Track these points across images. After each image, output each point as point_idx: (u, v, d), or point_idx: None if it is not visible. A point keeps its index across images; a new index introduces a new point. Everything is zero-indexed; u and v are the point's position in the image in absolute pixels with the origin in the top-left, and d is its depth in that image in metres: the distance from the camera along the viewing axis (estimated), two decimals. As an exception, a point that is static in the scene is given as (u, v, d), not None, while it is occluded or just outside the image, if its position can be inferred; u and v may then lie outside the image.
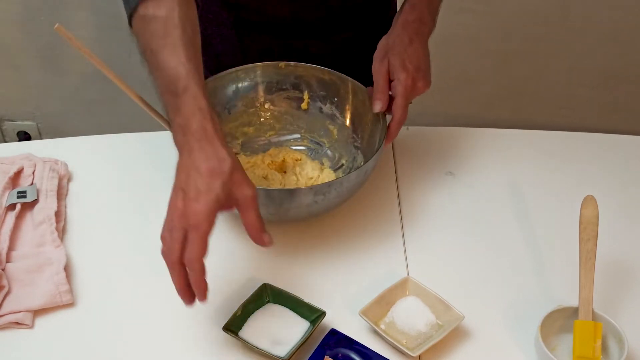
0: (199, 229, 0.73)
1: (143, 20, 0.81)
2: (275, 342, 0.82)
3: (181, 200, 0.75)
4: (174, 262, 0.74)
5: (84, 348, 0.83)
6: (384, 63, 0.97)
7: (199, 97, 0.77)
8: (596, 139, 1.18)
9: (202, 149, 0.76)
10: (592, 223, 0.85)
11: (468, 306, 0.88)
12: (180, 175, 0.76)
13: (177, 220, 0.74)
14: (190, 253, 0.74)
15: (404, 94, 0.95)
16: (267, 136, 1.11)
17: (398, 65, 0.96)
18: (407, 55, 0.96)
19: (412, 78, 0.95)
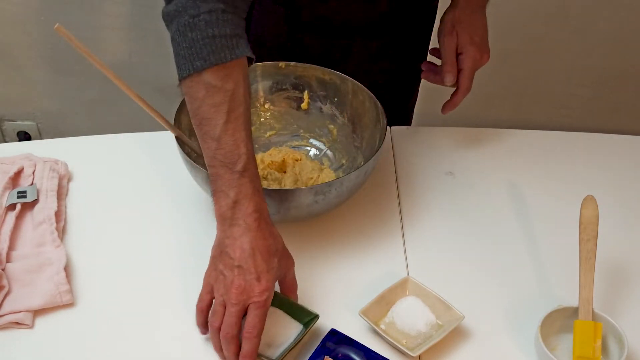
0: (264, 306, 0.78)
1: (207, 87, 0.79)
2: (268, 344, 0.81)
3: (240, 277, 0.78)
4: (233, 336, 0.78)
5: (84, 348, 0.83)
6: (452, 37, 1.03)
7: (256, 179, 0.81)
8: (596, 139, 1.18)
9: (260, 229, 0.79)
10: (592, 223, 0.85)
11: (468, 306, 0.88)
12: (235, 253, 0.79)
13: (236, 296, 0.77)
14: (253, 328, 0.77)
15: (472, 66, 1.03)
16: (267, 136, 1.12)
17: (467, 39, 1.02)
18: (474, 28, 1.03)
19: (480, 51, 1.03)
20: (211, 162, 0.80)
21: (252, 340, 0.77)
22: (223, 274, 0.79)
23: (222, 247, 0.80)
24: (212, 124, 0.79)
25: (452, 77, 1.03)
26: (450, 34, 1.03)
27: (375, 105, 1.01)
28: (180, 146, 0.94)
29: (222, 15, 0.78)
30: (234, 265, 0.78)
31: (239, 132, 0.79)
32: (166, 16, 0.82)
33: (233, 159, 0.79)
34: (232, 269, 0.78)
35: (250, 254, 0.78)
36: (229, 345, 0.78)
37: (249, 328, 0.77)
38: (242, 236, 0.79)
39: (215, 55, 0.78)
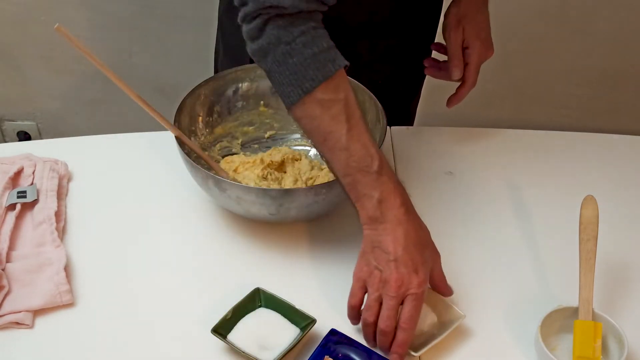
0: (421, 298, 0.80)
1: (322, 103, 0.80)
2: (263, 347, 0.81)
3: (397, 271, 0.79)
4: (393, 328, 0.80)
5: (84, 348, 0.83)
6: (459, 31, 1.03)
7: (393, 175, 0.82)
8: (596, 139, 1.18)
9: (410, 221, 0.81)
10: (592, 223, 0.85)
11: (468, 306, 0.88)
12: (390, 247, 0.80)
13: (395, 289, 0.79)
14: (410, 320, 0.79)
15: (477, 61, 1.05)
16: (267, 136, 1.12)
17: (473, 34, 1.03)
18: (479, 23, 1.04)
19: (485, 46, 1.04)
20: (346, 171, 0.81)
21: (408, 331, 0.79)
22: (378, 269, 0.80)
23: (375, 243, 0.81)
24: (336, 136, 0.80)
25: (459, 72, 1.05)
26: (456, 28, 1.04)
27: (375, 105, 1.01)
28: (180, 146, 0.94)
29: (314, 32, 0.80)
30: (389, 260, 0.79)
31: (364, 135, 0.81)
32: (258, 52, 0.81)
33: (367, 162, 0.80)
34: (388, 263, 0.79)
35: (404, 246, 0.79)
36: (387, 338, 0.80)
37: (405, 319, 0.79)
38: (394, 230, 0.80)
39: (322, 72, 0.79)
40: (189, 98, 1.03)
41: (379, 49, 1.15)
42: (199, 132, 1.06)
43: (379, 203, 0.80)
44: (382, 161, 0.81)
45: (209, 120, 1.07)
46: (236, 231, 0.98)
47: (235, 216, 0.99)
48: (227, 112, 1.09)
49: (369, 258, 0.81)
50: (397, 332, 0.80)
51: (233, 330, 0.83)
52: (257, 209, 0.91)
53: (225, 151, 1.09)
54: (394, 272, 0.79)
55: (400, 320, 0.79)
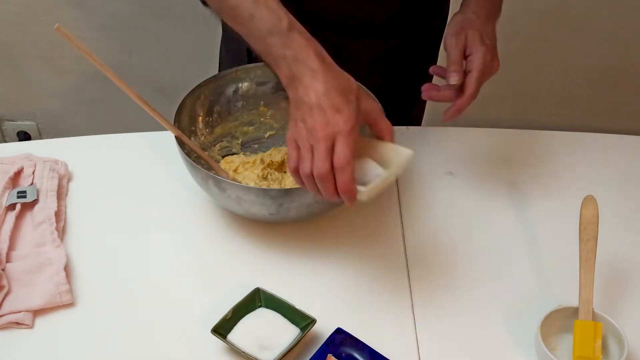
0: (349, 134, 0.76)
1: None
2: (263, 347, 0.81)
3: (320, 115, 0.77)
4: (326, 172, 0.77)
5: (84, 348, 0.83)
6: (460, 37, 0.95)
7: (306, 32, 0.80)
8: (596, 139, 1.18)
9: (329, 70, 0.78)
10: (592, 223, 0.85)
11: (468, 306, 0.88)
12: (310, 96, 0.78)
13: (322, 132, 0.76)
14: (342, 158, 0.76)
15: (481, 68, 0.94)
16: (267, 136, 1.12)
17: (477, 39, 0.95)
18: (485, 31, 0.96)
19: (492, 54, 0.96)
20: (259, 39, 0.80)
21: (345, 170, 0.76)
22: (304, 121, 0.78)
23: (297, 101, 0.79)
24: (242, 7, 0.80)
25: (457, 77, 0.94)
26: (458, 33, 0.96)
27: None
28: (180, 146, 0.94)
29: None
30: (311, 108, 0.77)
31: (272, 2, 0.80)
32: None
33: (275, 22, 0.79)
34: (311, 112, 0.77)
35: (324, 92, 0.77)
36: (325, 184, 0.78)
37: (338, 159, 0.76)
38: (312, 81, 0.78)
39: None
40: (189, 98, 1.03)
41: (380, 50, 1.14)
42: (199, 132, 1.06)
43: (294, 60, 0.78)
44: (291, 20, 0.79)
45: (209, 120, 1.07)
46: (236, 231, 0.98)
47: (235, 216, 0.99)
48: (227, 112, 1.09)
49: (295, 117, 0.79)
50: (336, 175, 0.77)
51: (233, 330, 0.83)
52: (257, 209, 0.91)
53: (225, 151, 1.09)
54: (317, 117, 0.77)
55: (334, 163, 0.77)
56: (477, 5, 1.00)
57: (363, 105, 0.80)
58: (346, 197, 0.78)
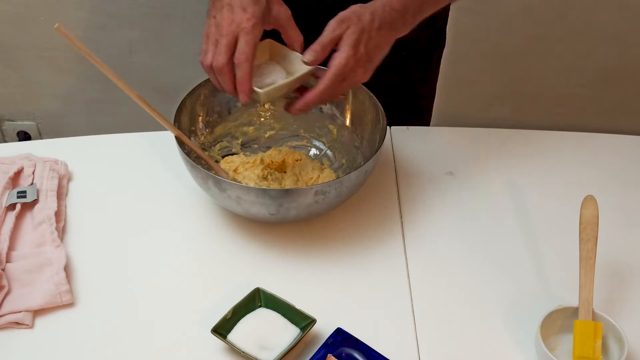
0: (250, 32, 0.83)
1: None
2: (263, 347, 0.81)
3: (228, 12, 0.84)
4: (224, 64, 0.83)
5: (84, 348, 0.83)
6: (341, 27, 0.86)
7: None
8: (596, 139, 1.18)
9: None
10: (592, 223, 0.85)
11: (468, 306, 0.88)
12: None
13: (227, 28, 0.83)
14: (241, 54, 0.82)
15: (339, 69, 0.86)
16: (267, 136, 1.12)
17: (352, 40, 0.85)
18: (369, 37, 0.86)
19: (357, 60, 0.86)
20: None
21: (242, 66, 0.82)
22: (214, 17, 0.83)
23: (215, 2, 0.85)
24: None
25: (313, 56, 0.86)
26: (340, 23, 0.86)
27: (375, 105, 1.01)
28: (180, 146, 0.94)
29: None
30: (223, 6, 0.84)
31: None
32: None
33: None
34: (222, 9, 0.83)
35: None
36: (223, 76, 0.83)
37: (238, 55, 0.82)
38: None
39: None
40: (189, 98, 1.03)
41: None
42: (199, 132, 1.06)
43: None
44: None
45: (209, 120, 1.07)
46: (236, 231, 0.98)
47: (235, 216, 0.99)
48: (227, 112, 1.09)
49: (209, 13, 0.85)
50: (235, 70, 0.82)
51: (233, 330, 0.83)
52: (257, 209, 0.91)
53: (225, 151, 1.09)
54: (225, 14, 0.83)
55: (234, 58, 0.82)
56: (382, 8, 0.88)
57: (274, 10, 0.85)
58: (241, 92, 0.84)
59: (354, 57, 0.86)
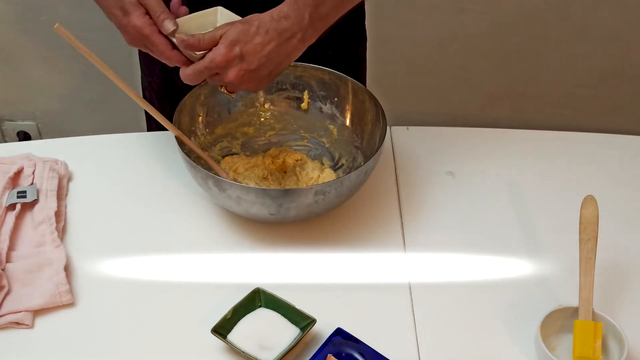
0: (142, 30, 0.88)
1: None
2: (263, 347, 0.81)
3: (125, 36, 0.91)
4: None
5: (84, 348, 0.83)
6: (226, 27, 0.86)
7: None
8: (596, 139, 1.18)
9: None
10: (592, 223, 0.85)
11: (468, 306, 0.88)
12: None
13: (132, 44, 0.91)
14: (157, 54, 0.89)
15: (207, 64, 0.86)
16: (267, 136, 1.12)
17: (229, 40, 0.85)
18: (246, 41, 0.85)
19: (228, 60, 0.85)
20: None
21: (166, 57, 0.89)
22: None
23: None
24: None
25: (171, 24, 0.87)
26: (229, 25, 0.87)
27: (376, 105, 1.01)
28: (180, 146, 0.94)
29: None
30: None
31: None
32: None
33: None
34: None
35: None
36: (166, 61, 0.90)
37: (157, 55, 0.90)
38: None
39: None
40: (189, 98, 1.03)
41: None
42: (199, 132, 1.06)
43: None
44: None
45: (209, 120, 1.07)
46: (236, 231, 0.98)
47: (235, 216, 0.99)
48: (227, 112, 1.09)
49: None
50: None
51: (233, 330, 0.83)
52: (257, 209, 0.91)
53: (225, 151, 1.09)
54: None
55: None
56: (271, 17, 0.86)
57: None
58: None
59: (225, 56, 0.85)
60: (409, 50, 1.86)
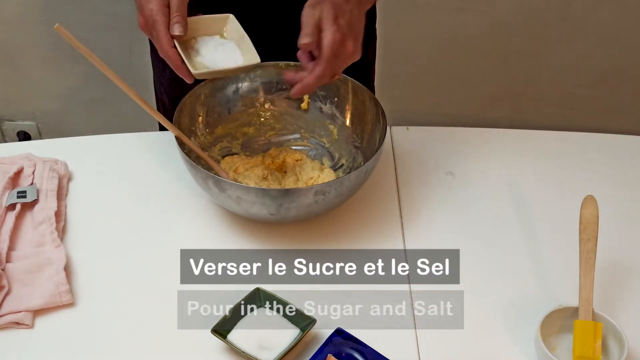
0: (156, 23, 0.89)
1: None
2: (263, 347, 0.81)
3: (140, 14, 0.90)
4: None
5: (84, 348, 0.83)
6: (316, 9, 0.88)
7: None
8: (596, 139, 1.18)
9: None
10: (592, 223, 0.85)
11: (468, 306, 0.88)
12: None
13: (146, 31, 0.91)
14: (159, 46, 0.89)
15: (331, 47, 0.87)
16: (267, 136, 1.12)
17: (330, 18, 0.87)
18: (342, 11, 0.88)
19: (342, 34, 0.87)
20: None
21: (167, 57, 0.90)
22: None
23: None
24: None
25: (309, 39, 0.87)
26: (313, 6, 0.88)
27: (376, 105, 1.01)
28: (180, 146, 0.94)
29: None
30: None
31: None
32: None
33: None
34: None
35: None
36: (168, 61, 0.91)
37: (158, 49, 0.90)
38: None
39: None
40: (189, 98, 1.03)
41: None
42: (199, 132, 1.06)
43: None
44: None
45: (209, 120, 1.07)
46: (236, 231, 0.98)
47: (235, 216, 0.99)
48: (227, 112, 1.09)
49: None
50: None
51: (233, 330, 0.83)
52: (257, 209, 0.91)
53: (225, 151, 1.09)
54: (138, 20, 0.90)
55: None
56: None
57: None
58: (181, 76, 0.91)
59: (339, 31, 0.87)
60: (409, 50, 1.86)
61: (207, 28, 0.93)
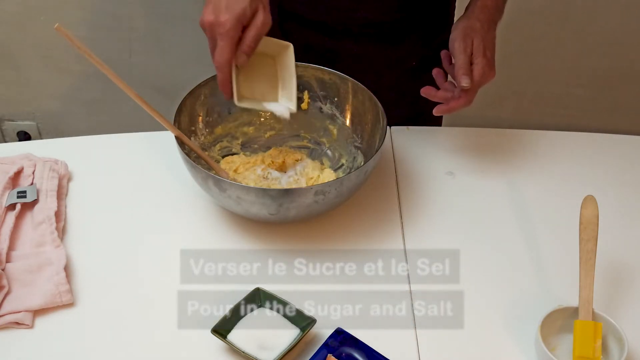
0: (225, 37, 0.86)
1: None
2: (263, 347, 0.81)
3: (211, 14, 0.87)
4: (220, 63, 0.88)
5: (84, 348, 0.83)
6: (467, 43, 0.99)
7: None
8: (596, 139, 1.18)
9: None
10: (592, 223, 0.85)
11: (468, 306, 0.88)
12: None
13: (209, 30, 0.88)
14: (219, 58, 0.87)
15: (480, 80, 0.98)
16: (267, 136, 1.12)
17: (480, 50, 0.98)
18: (487, 42, 1.00)
19: (490, 66, 0.99)
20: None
21: (220, 70, 0.88)
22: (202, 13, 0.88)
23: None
24: None
25: (468, 79, 0.97)
26: (464, 39, 0.99)
27: (375, 105, 1.01)
28: (180, 146, 0.94)
29: None
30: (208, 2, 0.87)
31: None
32: None
33: None
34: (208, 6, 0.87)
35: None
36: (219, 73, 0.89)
37: (216, 58, 0.87)
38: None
39: None
40: (189, 98, 1.03)
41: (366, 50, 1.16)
42: (199, 132, 1.06)
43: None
44: None
45: (209, 120, 1.07)
46: (236, 231, 0.98)
47: (235, 216, 0.99)
48: (227, 112, 1.09)
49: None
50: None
51: (233, 330, 0.83)
52: (257, 209, 0.91)
53: (225, 151, 1.09)
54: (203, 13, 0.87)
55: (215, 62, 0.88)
56: (481, 11, 1.02)
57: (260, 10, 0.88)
58: (224, 92, 0.91)
59: (488, 65, 0.99)
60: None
61: (264, 46, 0.93)
